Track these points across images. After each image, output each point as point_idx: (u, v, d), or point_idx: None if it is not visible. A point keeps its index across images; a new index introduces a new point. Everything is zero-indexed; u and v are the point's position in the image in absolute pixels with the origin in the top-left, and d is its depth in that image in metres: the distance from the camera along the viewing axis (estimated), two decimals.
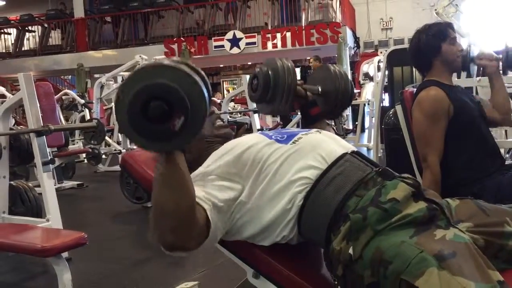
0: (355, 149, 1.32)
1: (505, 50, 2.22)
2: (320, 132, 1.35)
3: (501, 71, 2.25)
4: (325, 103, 1.61)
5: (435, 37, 2.12)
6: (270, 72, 1.48)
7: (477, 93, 3.21)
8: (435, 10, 4.84)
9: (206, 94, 0.96)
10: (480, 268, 1.01)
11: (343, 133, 9.19)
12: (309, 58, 8.25)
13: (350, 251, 1.09)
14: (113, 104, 8.04)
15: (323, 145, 1.27)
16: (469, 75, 2.83)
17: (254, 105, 5.92)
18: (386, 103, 5.79)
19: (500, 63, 2.20)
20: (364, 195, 1.15)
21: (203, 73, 0.99)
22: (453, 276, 0.98)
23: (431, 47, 2.13)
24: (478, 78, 2.93)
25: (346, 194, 1.17)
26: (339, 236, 1.12)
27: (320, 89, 1.61)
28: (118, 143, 7.20)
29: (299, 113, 7.28)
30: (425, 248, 1.03)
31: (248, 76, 6.20)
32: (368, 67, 8.85)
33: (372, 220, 1.09)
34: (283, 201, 1.20)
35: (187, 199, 1.04)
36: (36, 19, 14.40)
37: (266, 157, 1.24)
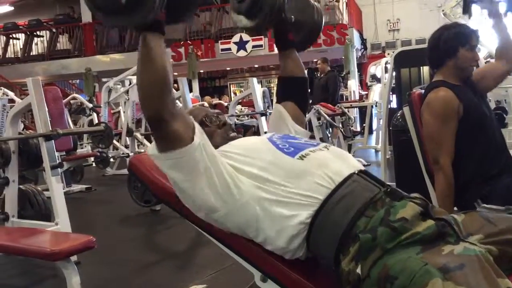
0: (363, 168, 1.31)
1: None
2: (328, 149, 1.33)
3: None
4: (296, 33, 1.62)
5: (455, 37, 2.10)
6: None
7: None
8: (443, 11, 4.81)
9: None
10: (489, 278, 1.01)
11: (351, 135, 9.16)
12: (316, 60, 8.24)
13: (358, 270, 1.10)
14: (121, 107, 8.07)
15: (330, 164, 1.26)
16: None
17: (262, 107, 5.95)
18: (393, 104, 5.77)
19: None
20: (373, 216, 1.15)
21: None
22: (457, 287, 0.97)
23: (448, 47, 2.11)
24: None
25: (355, 214, 1.17)
26: (348, 257, 1.13)
27: (293, 18, 1.59)
28: (126, 146, 7.22)
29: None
30: (429, 262, 1.03)
31: (255, 79, 6.23)
32: (375, 68, 8.83)
33: (381, 240, 1.10)
34: (288, 211, 1.19)
35: (160, 72, 1.13)
36: (44, 24, 14.50)
37: (271, 169, 1.23)
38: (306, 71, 1.70)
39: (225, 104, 10.01)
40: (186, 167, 1.19)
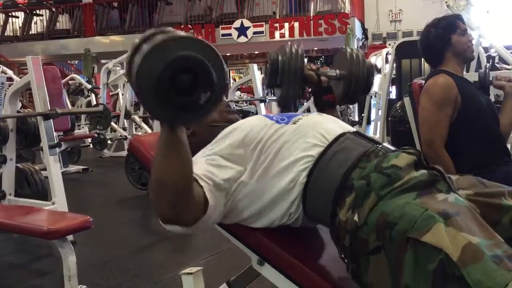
0: (355, 130, 1.33)
1: None
2: (321, 115, 1.38)
3: None
4: (340, 87, 1.63)
5: (444, 30, 2.13)
6: (279, 57, 1.52)
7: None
8: (446, 3, 4.79)
9: (225, 66, 0.94)
10: (483, 227, 1.03)
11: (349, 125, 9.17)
12: (315, 48, 8.23)
13: (355, 218, 1.10)
14: (119, 90, 8.03)
15: (323, 125, 1.30)
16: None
17: (261, 94, 5.94)
18: (392, 95, 5.78)
19: None
20: (367, 166, 1.16)
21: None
22: (459, 232, 0.99)
23: (441, 40, 2.13)
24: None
25: (349, 167, 1.18)
26: (345, 208, 1.13)
27: (339, 73, 1.61)
28: (124, 128, 7.21)
29: (304, 102, 7.18)
30: (429, 207, 1.04)
31: (255, 65, 6.21)
32: (376, 59, 8.78)
33: (376, 185, 1.11)
34: (285, 180, 1.21)
35: (186, 171, 1.02)
36: (44, 3, 14.36)
37: (267, 138, 1.26)
38: (306, 59, 1.70)
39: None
40: (214, 213, 1.18)
